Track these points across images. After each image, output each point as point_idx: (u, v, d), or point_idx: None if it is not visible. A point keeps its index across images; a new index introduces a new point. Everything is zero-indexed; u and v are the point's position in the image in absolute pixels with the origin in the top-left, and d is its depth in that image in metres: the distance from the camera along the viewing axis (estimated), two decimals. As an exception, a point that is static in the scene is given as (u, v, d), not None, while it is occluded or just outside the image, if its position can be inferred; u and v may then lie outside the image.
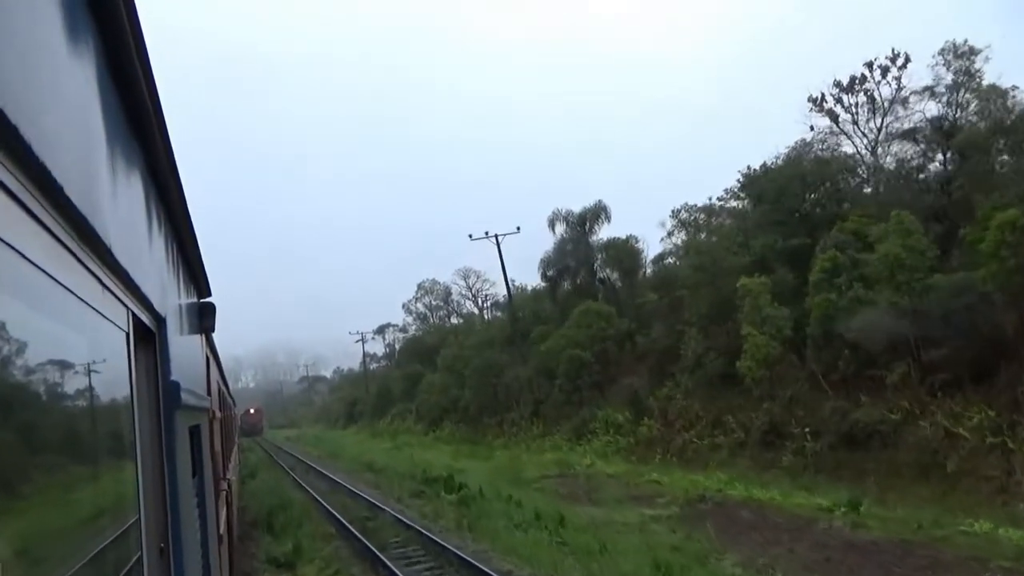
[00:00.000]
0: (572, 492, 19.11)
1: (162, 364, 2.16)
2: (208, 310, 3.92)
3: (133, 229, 1.83)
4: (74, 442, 1.36)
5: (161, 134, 1.98)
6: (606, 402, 29.27)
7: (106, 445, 1.56)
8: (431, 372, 47.85)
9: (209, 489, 3.66)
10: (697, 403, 24.82)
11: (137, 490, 1.70)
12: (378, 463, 28.82)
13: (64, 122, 1.17)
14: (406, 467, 25.79)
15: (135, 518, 1.66)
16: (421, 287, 65.28)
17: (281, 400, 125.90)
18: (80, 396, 1.36)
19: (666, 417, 25.89)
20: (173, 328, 2.44)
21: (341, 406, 77.70)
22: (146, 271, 1.95)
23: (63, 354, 1.23)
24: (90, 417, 1.42)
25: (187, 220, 2.88)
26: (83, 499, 1.37)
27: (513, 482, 20.41)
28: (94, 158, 1.40)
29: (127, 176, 1.76)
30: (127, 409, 1.70)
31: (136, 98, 1.73)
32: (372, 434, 52.85)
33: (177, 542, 2.10)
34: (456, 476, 20.55)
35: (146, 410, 1.97)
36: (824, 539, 12.47)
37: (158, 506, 2.02)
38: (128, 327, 1.73)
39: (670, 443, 24.57)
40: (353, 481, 23.69)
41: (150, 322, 2.06)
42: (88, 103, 1.37)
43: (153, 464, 2.00)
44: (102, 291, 1.48)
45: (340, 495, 20.71)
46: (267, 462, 35.52)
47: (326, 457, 37.02)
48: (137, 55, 1.59)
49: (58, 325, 1.19)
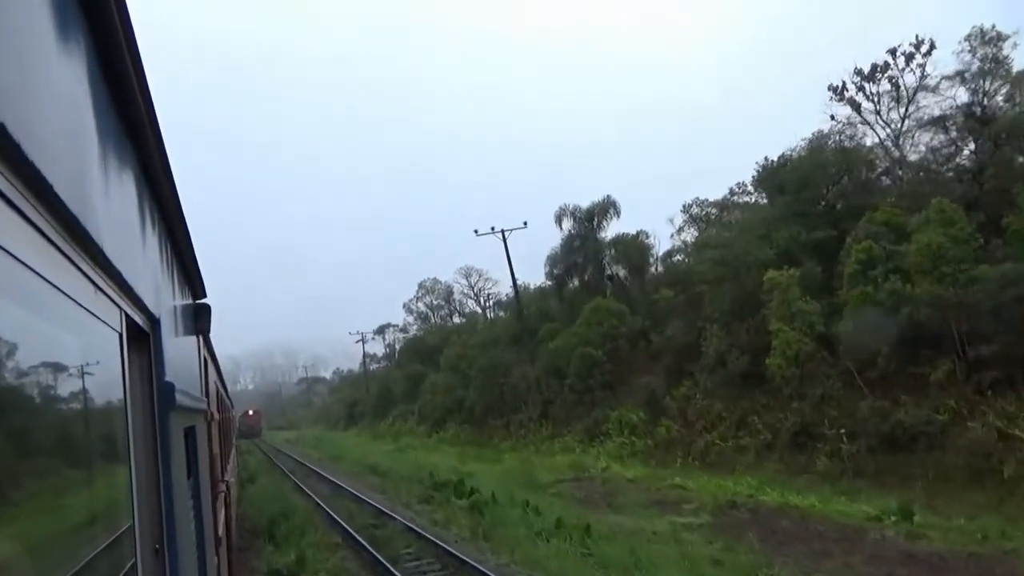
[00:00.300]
0: (590, 497, 18.86)
1: (156, 365, 2.23)
2: (203, 311, 4.01)
3: (126, 229, 1.88)
4: (67, 444, 1.40)
5: (154, 132, 2.03)
6: (619, 402, 29.43)
7: (99, 447, 1.61)
8: (433, 372, 48.50)
9: (205, 491, 3.75)
10: (719, 403, 24.69)
11: (131, 492, 1.76)
12: (382, 466, 28.90)
13: (54, 120, 1.19)
14: (411, 470, 25.77)
15: (129, 521, 1.73)
16: (422, 286, 66.60)
17: (280, 402, 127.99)
18: (73, 398, 1.40)
19: (685, 417, 25.77)
20: (168, 329, 2.51)
21: (341, 407, 79.11)
22: (139, 271, 2.00)
23: (55, 356, 1.27)
24: (83, 419, 1.47)
25: (181, 220, 2.94)
26: (77, 502, 1.42)
27: (527, 486, 20.18)
28: (85, 157, 1.43)
29: (119, 175, 1.80)
30: (120, 411, 1.76)
31: (128, 96, 1.77)
32: (373, 436, 53.44)
33: (172, 544, 2.17)
34: (465, 480, 20.43)
35: (140, 411, 2.04)
36: (879, 551, 11.97)
37: (153, 508, 2.09)
38: (121, 328, 1.79)
39: (691, 445, 24.34)
40: (357, 485, 23.62)
41: (144, 323, 2.12)
42: (79, 101, 1.40)
43: (147, 466, 2.07)
44: (94, 292, 1.52)
45: (344, 500, 20.59)
46: (267, 465, 35.54)
47: (327, 460, 37.11)
48: (128, 52, 1.63)
49: (50, 326, 1.23)
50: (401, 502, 19.29)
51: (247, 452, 42.38)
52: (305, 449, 47.99)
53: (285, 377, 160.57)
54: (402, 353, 66.62)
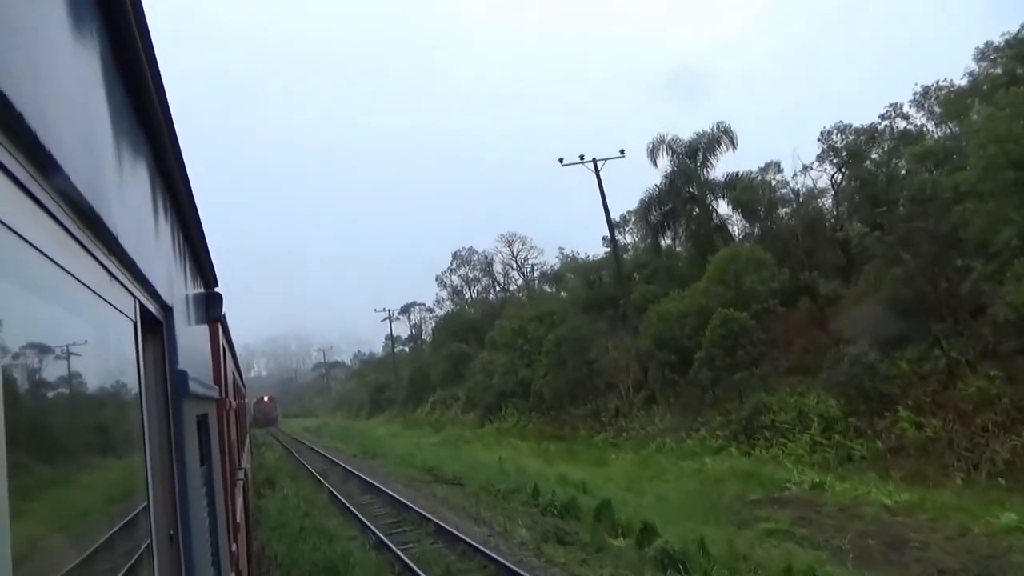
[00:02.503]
0: (860, 548, 11.29)
1: (169, 353, 2.26)
2: (215, 300, 4.08)
3: (139, 218, 1.91)
4: (82, 431, 1.43)
5: (167, 123, 2.05)
6: (777, 384, 21.45)
7: (115, 433, 1.65)
8: (479, 351, 43.26)
9: (217, 477, 3.82)
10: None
11: (145, 478, 1.80)
12: (443, 467, 22.28)
13: (69, 111, 1.21)
14: (489, 475, 19.20)
15: (144, 504, 1.76)
16: (457, 256, 60.40)
17: (295, 388, 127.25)
18: (88, 385, 1.43)
19: (957, 410, 16.51)
20: (180, 318, 2.55)
21: (365, 392, 74.92)
22: (153, 261, 2.03)
23: (71, 343, 1.29)
24: (99, 405, 1.50)
25: (194, 210, 2.98)
26: (93, 486, 1.45)
27: (708, 513, 13.71)
28: (100, 147, 1.46)
29: (133, 166, 1.83)
30: (135, 398, 1.79)
31: (141, 87, 1.79)
32: (407, 425, 48.72)
33: (186, 529, 2.22)
34: (591, 493, 15.24)
35: (153, 399, 2.07)
36: None
37: (166, 493, 2.13)
38: (135, 316, 1.82)
39: (975, 452, 15.40)
40: (426, 501, 16.76)
41: (157, 312, 2.16)
42: (93, 92, 1.42)
43: (161, 452, 2.11)
44: (109, 280, 1.55)
45: (419, 532, 13.69)
46: (288, 463, 28.56)
47: (364, 456, 30.76)
48: (142, 43, 1.65)
49: (66, 314, 1.25)
50: (516, 539, 12.42)
51: (263, 444, 37.45)
52: (331, 441, 42.12)
53: (300, 363, 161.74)
54: (437, 331, 60.57)
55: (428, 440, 35.55)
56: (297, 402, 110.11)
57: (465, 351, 47.62)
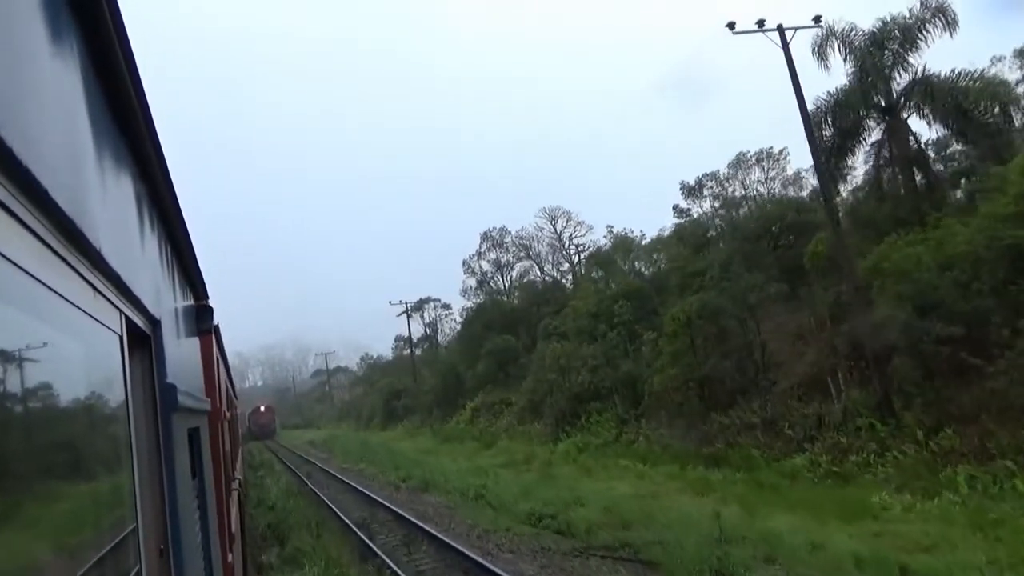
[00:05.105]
0: None
1: (158, 367, 2.26)
2: (206, 312, 4.08)
3: (124, 231, 1.90)
4: (69, 448, 1.42)
5: (150, 133, 2.04)
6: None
7: (102, 450, 1.63)
8: (528, 345, 36.93)
9: (211, 490, 3.82)
10: None
11: (135, 494, 1.79)
12: (572, 519, 13.19)
13: (48, 123, 1.20)
14: (699, 540, 10.50)
15: (133, 524, 1.75)
16: (487, 237, 52.12)
17: (293, 398, 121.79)
18: (74, 401, 1.42)
19: None
20: (169, 331, 2.54)
21: (377, 400, 65.22)
22: (139, 274, 2.02)
23: (56, 360, 1.28)
24: (85, 422, 1.49)
25: (181, 222, 2.97)
26: (80, 506, 1.44)
27: None
28: (81, 160, 1.44)
29: (116, 178, 1.82)
30: (122, 413, 1.78)
31: (123, 97, 1.78)
32: (441, 438, 38.87)
33: (177, 545, 2.21)
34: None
35: (142, 414, 2.06)
36: None
37: (157, 509, 2.12)
38: (122, 331, 1.81)
39: None
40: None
41: (144, 325, 2.15)
42: (73, 103, 1.42)
43: (150, 468, 2.10)
44: (94, 295, 1.54)
45: None
46: (299, 498, 18.93)
47: (411, 488, 20.66)
48: (122, 52, 1.64)
49: (49, 330, 1.24)
50: None
51: (261, 464, 29.58)
52: (350, 461, 31.30)
53: (296, 372, 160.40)
54: (467, 325, 50.06)
55: (487, 461, 25.88)
56: (296, 412, 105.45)
57: (513, 345, 39.89)
